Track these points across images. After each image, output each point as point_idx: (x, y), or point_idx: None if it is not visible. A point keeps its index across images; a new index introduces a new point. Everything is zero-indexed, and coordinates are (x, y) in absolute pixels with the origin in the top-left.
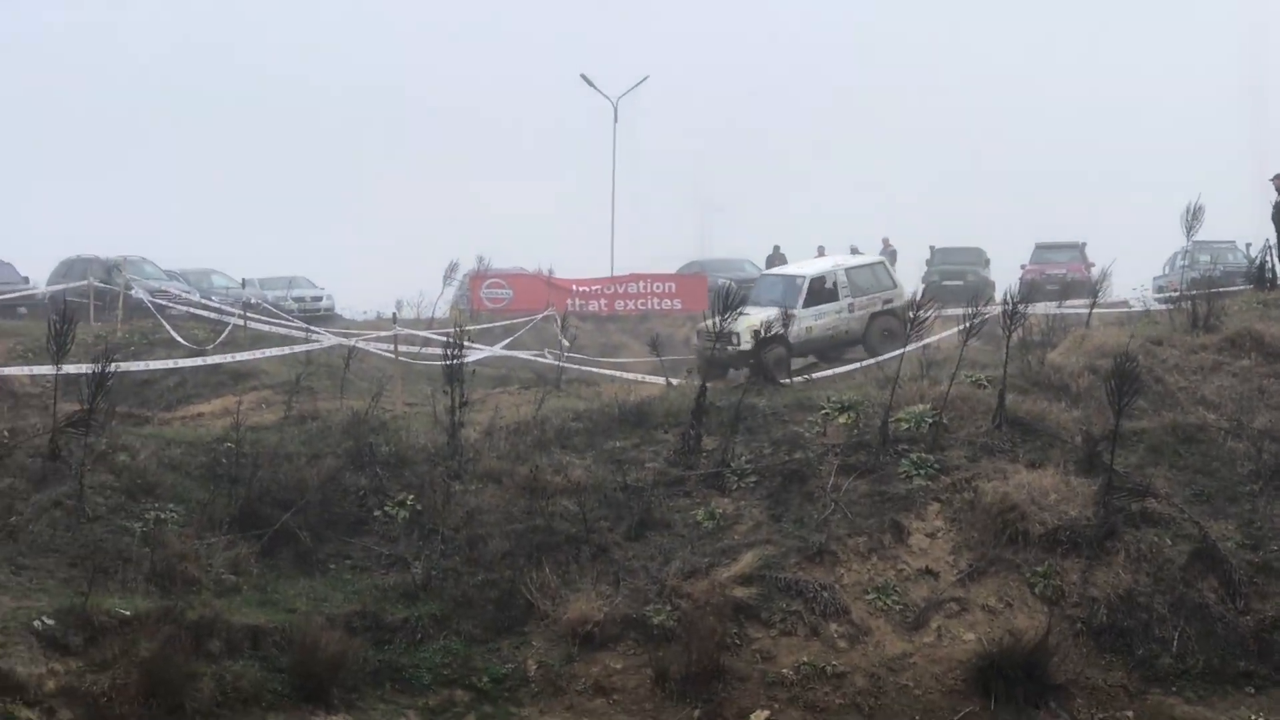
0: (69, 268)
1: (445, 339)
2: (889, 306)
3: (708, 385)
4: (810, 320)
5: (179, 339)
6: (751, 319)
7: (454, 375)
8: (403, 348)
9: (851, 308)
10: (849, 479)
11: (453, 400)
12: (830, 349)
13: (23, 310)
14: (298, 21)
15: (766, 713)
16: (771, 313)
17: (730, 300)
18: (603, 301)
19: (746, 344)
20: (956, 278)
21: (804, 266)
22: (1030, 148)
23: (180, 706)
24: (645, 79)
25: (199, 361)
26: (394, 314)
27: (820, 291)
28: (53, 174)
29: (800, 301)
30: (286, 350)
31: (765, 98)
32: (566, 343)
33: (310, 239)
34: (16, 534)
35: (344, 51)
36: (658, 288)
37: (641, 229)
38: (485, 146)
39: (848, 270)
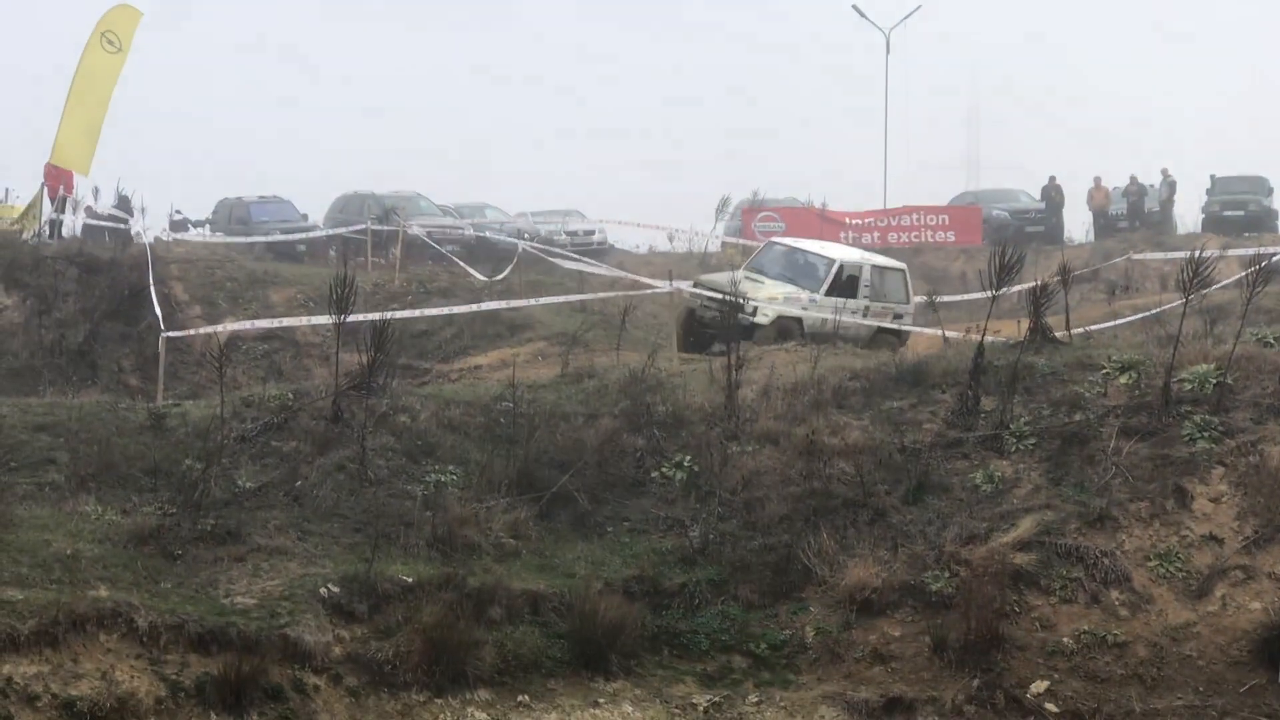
0: (345, 204)
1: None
2: (898, 324)
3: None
4: (829, 312)
5: (472, 272)
6: (772, 290)
7: (730, 334)
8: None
9: (866, 312)
10: (1130, 442)
11: (729, 361)
12: None
13: (302, 248)
14: None
15: (1046, 683)
16: (798, 292)
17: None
18: (875, 235)
19: (764, 319)
20: (1238, 208)
21: (828, 248)
22: None
23: (462, 674)
24: (918, 8)
25: (473, 309)
26: (669, 273)
27: (842, 282)
28: (321, 105)
29: (824, 288)
30: (561, 299)
31: (1041, 21)
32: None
33: (581, 170)
34: (302, 499)
35: None
36: (931, 220)
37: (913, 157)
38: (757, 77)
39: (874, 268)
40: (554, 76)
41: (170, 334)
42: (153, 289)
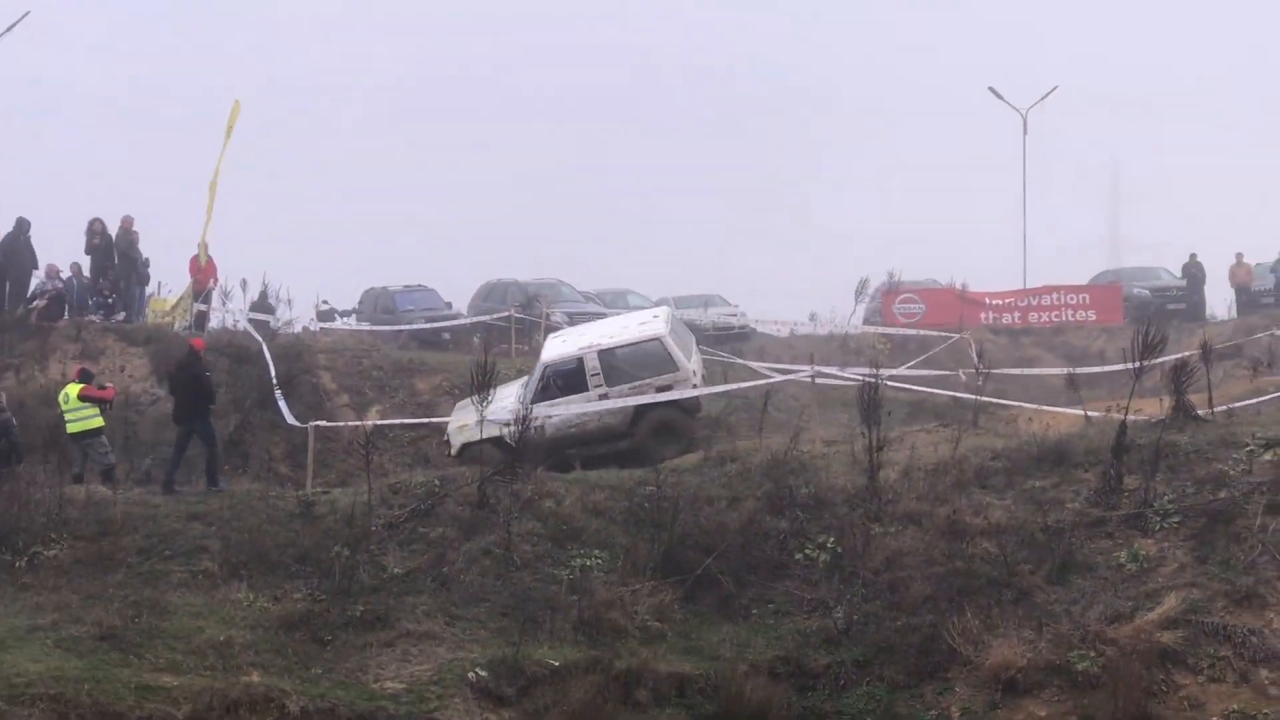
0: (489, 291)
1: (861, 377)
2: (667, 395)
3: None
4: (541, 417)
5: None
6: (464, 418)
7: (871, 417)
8: (820, 381)
9: (604, 398)
10: (1277, 519)
11: (870, 442)
12: (585, 445)
13: (446, 336)
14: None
15: None
16: (501, 409)
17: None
18: (1016, 314)
19: (453, 450)
20: None
21: (554, 345)
22: None
23: None
24: (1054, 89)
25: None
26: (811, 357)
27: (562, 382)
28: (466, 195)
29: (531, 394)
30: (707, 391)
31: (1178, 97)
32: (980, 381)
33: (716, 253)
34: (449, 583)
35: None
36: (1071, 299)
37: (1052, 237)
38: (891, 156)
39: (603, 352)
40: (687, 154)
41: (319, 423)
42: (277, 387)
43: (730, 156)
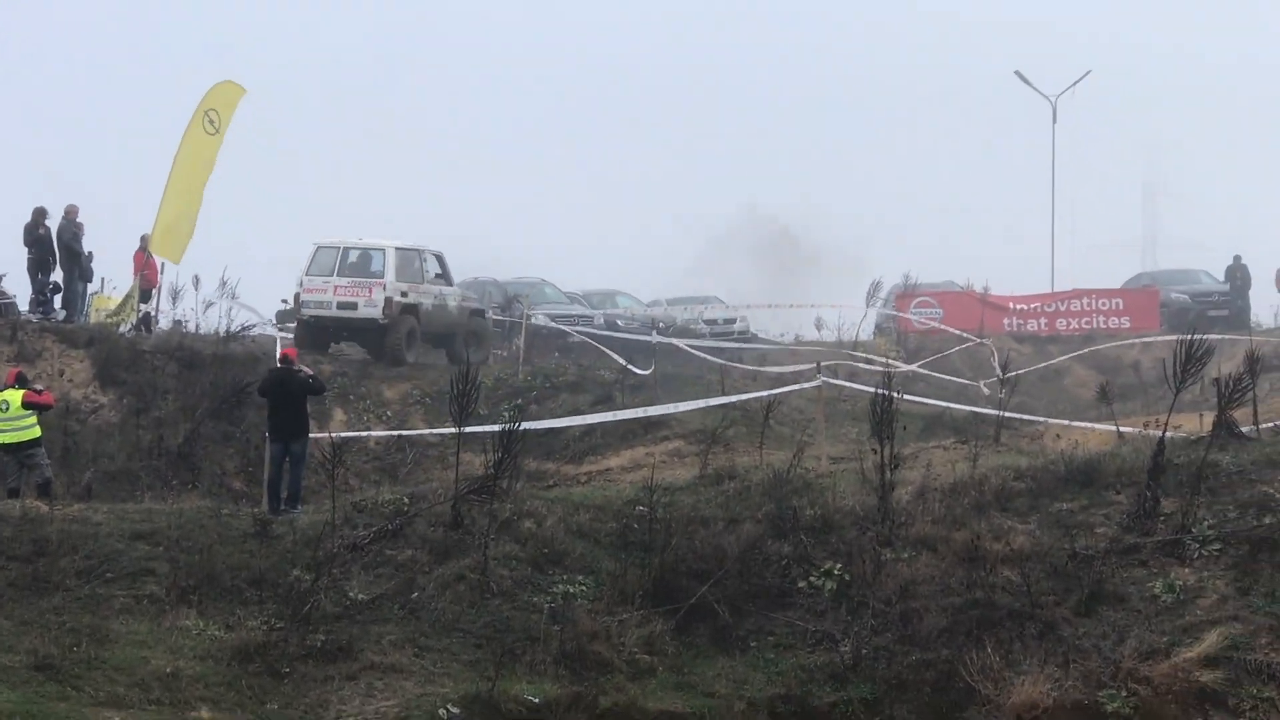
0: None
1: (873, 389)
2: None
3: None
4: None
5: (616, 357)
6: None
7: (883, 431)
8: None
9: None
10: None
11: (882, 460)
12: None
13: None
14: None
15: None
16: None
17: None
18: (1042, 320)
19: None
20: None
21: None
22: None
23: None
24: (1087, 74)
25: (609, 417)
26: (817, 365)
27: None
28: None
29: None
30: (703, 404)
31: (1223, 86)
32: (1003, 393)
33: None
34: (419, 611)
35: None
36: (1103, 304)
37: (1082, 236)
38: (908, 148)
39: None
40: (681, 152)
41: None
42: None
43: (723, 149)
